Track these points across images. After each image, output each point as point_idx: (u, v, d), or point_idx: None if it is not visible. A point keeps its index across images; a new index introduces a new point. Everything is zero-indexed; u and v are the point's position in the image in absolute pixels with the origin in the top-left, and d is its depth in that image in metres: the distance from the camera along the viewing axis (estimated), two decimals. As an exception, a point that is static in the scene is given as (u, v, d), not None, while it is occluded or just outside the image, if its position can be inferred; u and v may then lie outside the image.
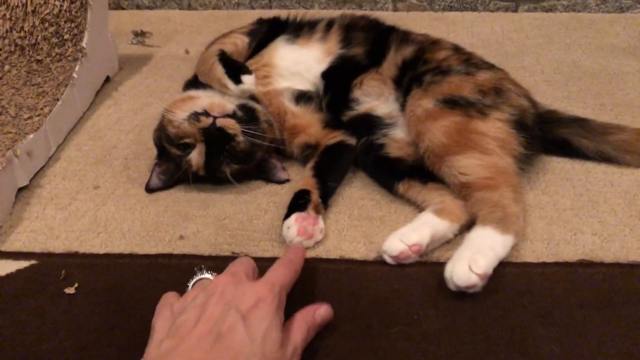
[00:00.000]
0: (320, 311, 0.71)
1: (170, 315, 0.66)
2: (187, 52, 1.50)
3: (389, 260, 0.81)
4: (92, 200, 0.98)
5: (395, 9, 1.71)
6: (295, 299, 0.71)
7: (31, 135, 1.02)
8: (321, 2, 1.74)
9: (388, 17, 1.16)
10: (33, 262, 0.84)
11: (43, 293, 0.79)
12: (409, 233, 0.80)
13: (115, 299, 0.78)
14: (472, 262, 0.74)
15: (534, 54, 1.41)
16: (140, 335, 0.68)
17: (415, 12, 1.69)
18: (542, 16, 1.62)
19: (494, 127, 0.90)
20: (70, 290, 0.79)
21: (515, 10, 1.67)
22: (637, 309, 0.72)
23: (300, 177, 0.97)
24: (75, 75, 1.19)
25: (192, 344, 0.60)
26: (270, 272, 0.71)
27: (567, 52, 1.41)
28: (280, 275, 0.70)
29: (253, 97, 1.02)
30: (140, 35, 1.57)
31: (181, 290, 0.73)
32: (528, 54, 1.41)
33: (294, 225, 0.85)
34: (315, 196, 0.90)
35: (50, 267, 0.83)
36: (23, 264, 0.84)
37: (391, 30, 1.09)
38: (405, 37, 1.06)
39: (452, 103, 0.92)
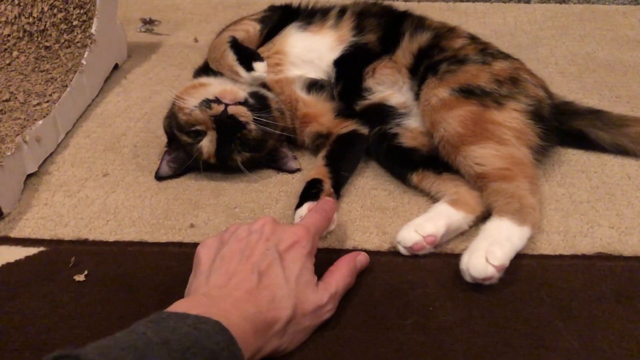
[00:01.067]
0: (360, 257, 0.76)
1: (214, 245, 0.70)
2: (196, 40, 1.48)
3: (403, 251, 0.80)
4: (101, 187, 0.97)
5: (407, -1, 1.68)
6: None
7: (40, 122, 1.01)
8: (331, -8, 1.72)
9: (400, 7, 1.13)
10: (42, 248, 0.83)
11: (52, 280, 0.78)
12: (424, 223, 0.79)
13: (125, 286, 0.76)
14: (489, 253, 0.72)
15: (547, 45, 1.39)
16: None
17: (427, 3, 1.67)
18: (555, 7, 1.60)
19: (510, 117, 0.89)
20: (80, 277, 0.78)
21: (528, 1, 1.65)
22: (656, 303, 0.71)
23: (312, 166, 0.96)
24: (84, 62, 1.18)
25: (238, 282, 0.63)
26: (306, 217, 0.75)
27: (581, 44, 1.39)
28: (315, 221, 0.73)
29: (265, 85, 1.01)
30: (149, 23, 1.55)
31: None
32: (541, 45, 1.39)
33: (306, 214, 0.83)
34: (327, 185, 0.89)
35: (59, 254, 0.82)
36: (32, 250, 0.83)
37: (405, 16, 1.07)
38: (420, 23, 1.04)
39: (468, 92, 0.90)
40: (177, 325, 0.55)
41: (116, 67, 1.34)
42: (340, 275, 0.71)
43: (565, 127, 0.97)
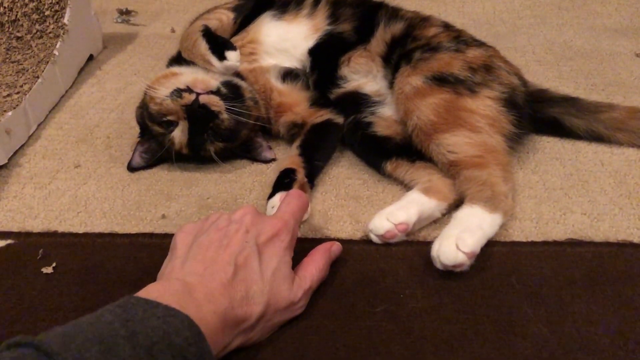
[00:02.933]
0: (334, 248, 0.75)
1: (192, 232, 0.69)
2: (172, 31, 1.47)
3: (375, 239, 0.79)
4: (72, 179, 0.95)
5: (386, -11, 1.68)
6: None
7: (10, 113, 0.99)
8: (310, -18, 1.71)
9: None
10: (10, 241, 0.82)
11: (19, 272, 0.77)
12: (396, 212, 0.79)
13: (94, 278, 0.75)
14: (459, 240, 0.72)
15: (525, 34, 1.39)
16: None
17: (406, -8, 1.66)
18: (534, -4, 1.60)
19: (484, 105, 0.88)
20: (47, 269, 0.77)
21: (507, -9, 1.64)
22: (625, 288, 0.71)
23: (286, 155, 0.95)
24: (56, 52, 1.16)
25: (214, 271, 0.62)
26: (284, 205, 0.73)
27: (559, 33, 1.39)
28: (293, 211, 0.72)
29: (238, 75, 1.00)
30: (125, 13, 1.54)
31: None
32: (519, 34, 1.39)
33: (278, 204, 0.82)
34: (300, 175, 0.88)
35: (27, 246, 0.81)
36: (-1, 243, 0.82)
37: (380, 6, 1.07)
38: (394, 13, 1.04)
39: (441, 80, 0.89)
40: (145, 315, 0.53)
41: (91, 57, 1.33)
42: (315, 269, 0.71)
43: (540, 114, 0.97)
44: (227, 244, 0.65)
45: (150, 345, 0.51)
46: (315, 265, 0.71)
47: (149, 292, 0.59)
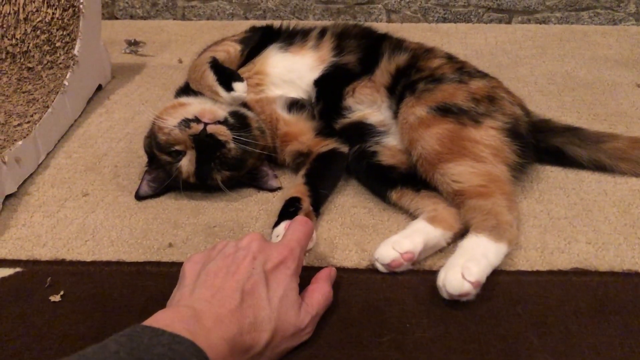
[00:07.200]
0: (332, 273, 0.77)
1: (200, 260, 0.69)
2: (180, 61, 1.49)
3: (381, 268, 0.80)
4: (80, 207, 0.96)
5: (390, 20, 1.71)
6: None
7: (20, 142, 1.01)
8: (315, 14, 1.75)
9: (382, 28, 1.15)
10: (18, 269, 0.83)
11: (28, 301, 0.77)
12: (402, 240, 0.79)
13: (101, 306, 0.76)
14: (465, 269, 0.72)
15: (527, 65, 1.41)
16: (125, 343, 0.66)
17: (409, 24, 1.69)
18: (535, 28, 1.63)
19: (487, 135, 0.89)
20: (55, 298, 0.77)
21: (509, 22, 1.67)
22: (631, 317, 0.71)
23: (292, 184, 0.96)
24: (66, 82, 1.18)
25: (222, 298, 0.63)
26: (289, 233, 0.74)
27: (560, 63, 1.41)
28: (299, 238, 0.73)
29: (245, 105, 1.01)
30: (133, 44, 1.56)
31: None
32: (522, 65, 1.41)
33: (283, 233, 0.83)
34: (306, 204, 0.89)
35: (35, 274, 0.82)
36: (7, 271, 0.82)
37: (384, 37, 1.09)
38: (398, 44, 1.06)
39: (445, 111, 0.91)
40: (151, 343, 0.54)
41: (100, 88, 1.35)
42: (321, 295, 0.71)
43: (543, 144, 0.98)
44: (235, 270, 0.66)
45: None
46: (321, 292, 0.72)
47: (157, 319, 0.59)
